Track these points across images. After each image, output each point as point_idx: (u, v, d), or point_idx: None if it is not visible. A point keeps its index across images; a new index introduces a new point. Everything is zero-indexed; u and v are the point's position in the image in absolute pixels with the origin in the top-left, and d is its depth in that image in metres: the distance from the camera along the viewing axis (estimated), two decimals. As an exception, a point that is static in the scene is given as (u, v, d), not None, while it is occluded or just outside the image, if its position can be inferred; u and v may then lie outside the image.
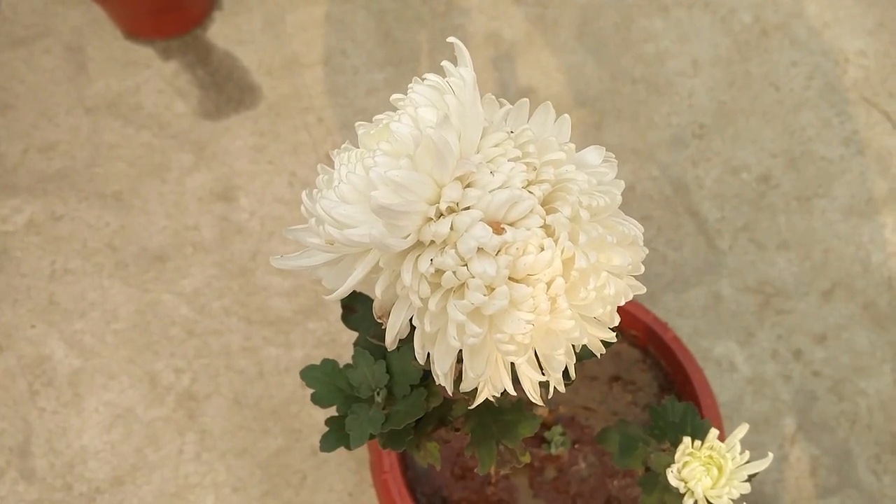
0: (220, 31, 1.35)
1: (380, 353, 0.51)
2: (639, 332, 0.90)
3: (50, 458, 1.06)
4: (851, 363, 1.12)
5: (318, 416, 1.08)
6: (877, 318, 1.14)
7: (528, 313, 0.32)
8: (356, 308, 0.52)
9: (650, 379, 0.89)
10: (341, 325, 0.60)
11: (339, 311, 0.56)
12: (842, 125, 1.29)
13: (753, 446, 1.07)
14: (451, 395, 0.37)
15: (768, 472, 1.05)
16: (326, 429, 0.53)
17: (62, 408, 1.08)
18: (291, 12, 1.37)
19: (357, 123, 0.36)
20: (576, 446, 0.85)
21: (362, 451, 1.05)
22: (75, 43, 1.33)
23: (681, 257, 1.19)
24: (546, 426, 0.85)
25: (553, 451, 0.83)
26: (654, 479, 0.55)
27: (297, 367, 1.10)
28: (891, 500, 1.04)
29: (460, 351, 0.35)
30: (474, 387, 0.36)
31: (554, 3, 1.39)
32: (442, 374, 0.35)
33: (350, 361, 0.54)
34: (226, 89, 1.30)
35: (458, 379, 0.37)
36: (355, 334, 0.55)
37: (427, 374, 0.50)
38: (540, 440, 0.85)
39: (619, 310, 0.87)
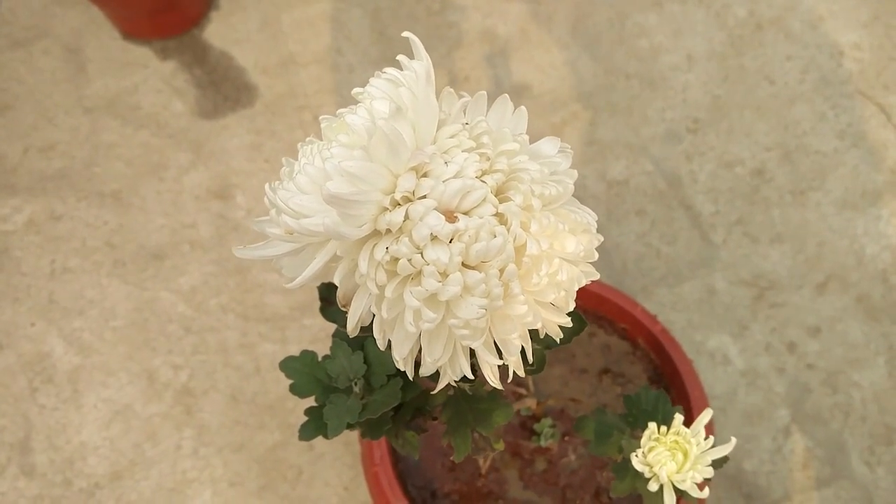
0: (216, 31, 1.36)
1: (357, 343, 0.52)
2: (628, 324, 0.90)
3: (50, 454, 1.07)
4: (845, 355, 1.12)
5: (314, 411, 1.09)
6: (871, 310, 1.15)
7: (481, 299, 0.33)
8: (334, 300, 0.53)
9: (639, 371, 0.90)
10: (336, 322, 0.61)
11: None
12: (836, 118, 1.30)
13: (747, 438, 1.08)
14: (411, 378, 0.37)
15: (762, 464, 1.05)
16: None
17: (62, 404, 1.10)
18: (287, 12, 1.38)
19: (321, 117, 0.37)
20: (565, 438, 0.86)
21: (357, 446, 1.06)
22: (74, 44, 1.34)
23: (674, 251, 1.19)
24: (535, 418, 0.85)
25: (543, 442, 0.84)
26: (627, 466, 0.56)
27: (293, 363, 1.11)
28: (884, 492, 1.04)
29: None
30: (433, 371, 0.37)
31: (548, -1, 1.40)
32: (401, 359, 0.36)
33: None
34: (223, 88, 1.31)
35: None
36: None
37: (403, 364, 0.51)
38: (530, 432, 0.85)
39: (608, 303, 0.88)
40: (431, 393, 0.54)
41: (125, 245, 1.19)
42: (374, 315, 0.36)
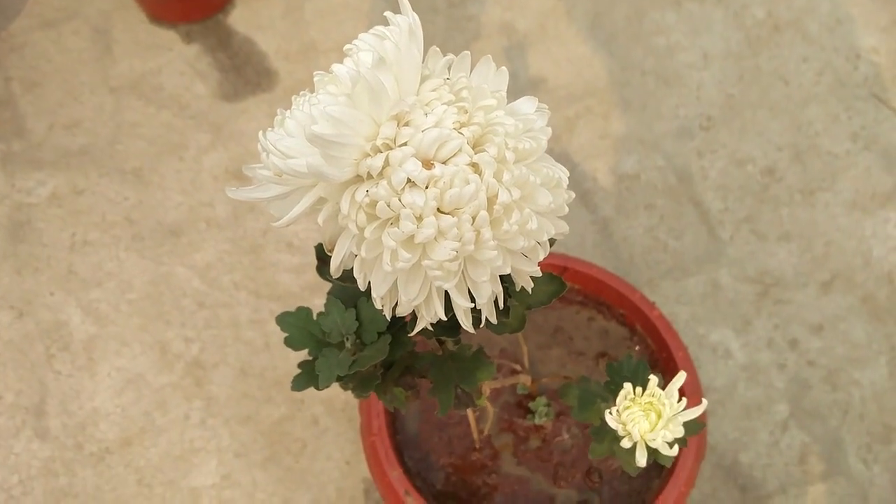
0: (240, 17, 1.39)
1: (351, 301, 0.54)
2: (626, 310, 0.92)
3: (63, 419, 1.10)
4: (847, 354, 1.13)
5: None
6: (875, 310, 1.16)
7: (454, 242, 0.35)
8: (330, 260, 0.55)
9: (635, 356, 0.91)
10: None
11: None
12: (850, 121, 1.30)
13: (745, 431, 1.09)
14: (388, 316, 0.40)
15: (758, 457, 1.07)
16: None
17: (76, 371, 1.13)
18: (311, 0, 1.41)
19: (315, 72, 0.40)
20: (560, 418, 0.87)
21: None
22: (102, 25, 1.38)
23: (681, 245, 1.21)
24: (531, 397, 0.87)
25: (537, 420, 0.86)
26: (606, 428, 0.58)
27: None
28: (879, 489, 1.05)
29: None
30: (409, 311, 0.39)
31: (567, -5, 1.42)
32: (379, 298, 0.38)
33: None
34: (244, 73, 1.34)
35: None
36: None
37: (393, 322, 0.54)
38: (525, 410, 0.87)
39: (608, 288, 0.90)
40: (422, 354, 0.56)
41: (144, 221, 1.23)
42: (355, 257, 0.38)
